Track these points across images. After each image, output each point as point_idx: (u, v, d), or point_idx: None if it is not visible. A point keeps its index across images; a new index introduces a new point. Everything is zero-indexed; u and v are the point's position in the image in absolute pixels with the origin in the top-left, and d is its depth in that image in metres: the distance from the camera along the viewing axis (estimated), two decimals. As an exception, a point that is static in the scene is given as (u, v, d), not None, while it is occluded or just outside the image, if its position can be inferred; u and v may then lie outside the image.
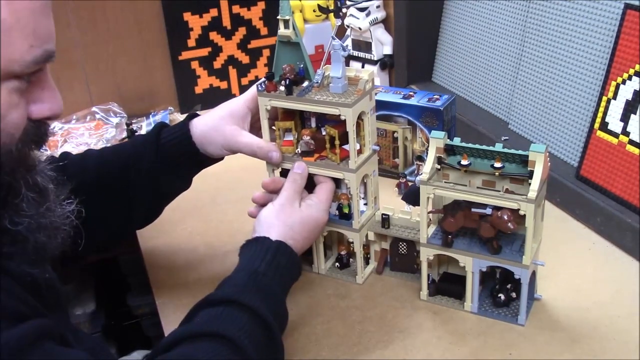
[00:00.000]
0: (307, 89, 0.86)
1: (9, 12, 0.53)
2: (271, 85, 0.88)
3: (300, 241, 0.85)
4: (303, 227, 0.86)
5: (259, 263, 0.78)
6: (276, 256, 0.79)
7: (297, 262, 0.84)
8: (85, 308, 1.52)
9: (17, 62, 0.55)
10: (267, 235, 0.82)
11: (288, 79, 0.86)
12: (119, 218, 0.94)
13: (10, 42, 0.53)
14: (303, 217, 0.87)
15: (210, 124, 0.90)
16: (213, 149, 0.90)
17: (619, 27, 1.01)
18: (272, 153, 0.89)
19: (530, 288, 0.86)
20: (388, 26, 1.61)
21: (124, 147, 0.98)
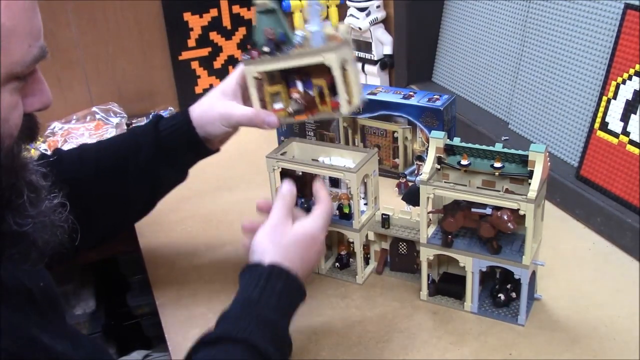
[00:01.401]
0: (290, 49, 0.87)
1: (7, 17, 0.53)
2: (256, 52, 0.89)
3: (298, 262, 0.79)
4: (298, 246, 0.80)
5: (252, 290, 0.74)
6: (270, 280, 0.75)
7: (296, 284, 0.77)
8: (85, 308, 1.52)
9: (18, 63, 0.55)
10: (260, 261, 0.78)
11: (271, 41, 0.88)
12: (116, 211, 0.94)
13: (11, 46, 0.54)
14: (297, 235, 0.81)
15: (206, 105, 0.93)
16: (212, 128, 0.92)
17: (619, 27, 1.01)
18: (269, 117, 0.89)
19: (530, 288, 0.86)
20: (388, 26, 1.61)
21: (122, 139, 0.97)
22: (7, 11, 0.53)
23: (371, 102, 1.22)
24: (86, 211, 0.74)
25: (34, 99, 0.60)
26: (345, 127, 1.27)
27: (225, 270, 1.02)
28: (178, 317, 0.93)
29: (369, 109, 1.22)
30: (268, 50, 0.88)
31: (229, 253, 1.07)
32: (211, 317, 0.92)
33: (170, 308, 0.95)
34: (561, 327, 0.86)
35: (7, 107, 0.56)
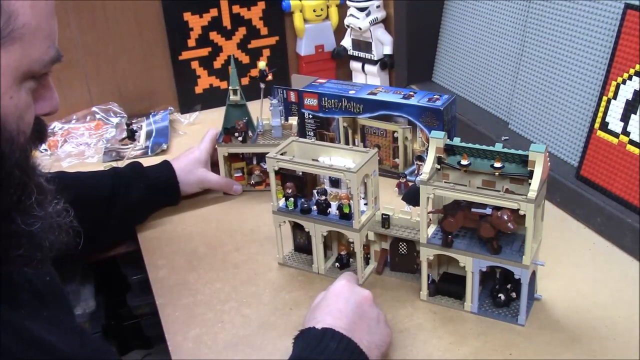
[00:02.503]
0: (255, 136, 1.20)
1: (32, 15, 0.55)
2: (227, 138, 1.21)
3: (358, 328, 0.77)
4: (355, 313, 0.79)
5: (304, 349, 0.74)
6: (322, 341, 0.73)
7: (351, 346, 0.74)
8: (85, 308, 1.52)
9: (37, 62, 0.57)
10: (313, 326, 0.77)
11: (241, 130, 1.19)
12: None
13: (34, 44, 0.56)
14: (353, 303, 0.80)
15: (186, 169, 1.18)
16: (188, 188, 1.19)
17: (619, 27, 1.01)
18: (235, 186, 1.22)
19: (530, 288, 0.86)
20: (388, 26, 1.61)
21: (106, 175, 1.13)
22: (32, 11, 0.56)
23: (371, 102, 1.22)
24: None
25: (44, 102, 0.62)
26: (345, 127, 1.27)
27: (225, 271, 1.03)
28: (178, 317, 0.93)
29: (369, 109, 1.22)
30: (240, 137, 1.19)
31: (229, 253, 1.07)
32: (211, 317, 0.92)
33: (170, 308, 0.95)
34: (561, 327, 0.86)
35: (23, 105, 0.58)
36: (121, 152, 1.45)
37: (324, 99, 1.27)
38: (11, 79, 0.55)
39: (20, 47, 0.55)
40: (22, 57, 0.56)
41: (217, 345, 0.87)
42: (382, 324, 0.81)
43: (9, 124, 0.56)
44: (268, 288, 0.98)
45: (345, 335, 0.74)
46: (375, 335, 0.78)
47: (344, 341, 0.74)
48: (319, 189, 0.96)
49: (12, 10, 0.54)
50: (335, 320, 0.76)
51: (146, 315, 1.50)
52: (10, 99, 0.55)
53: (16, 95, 0.56)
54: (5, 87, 0.55)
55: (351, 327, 0.76)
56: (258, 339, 0.88)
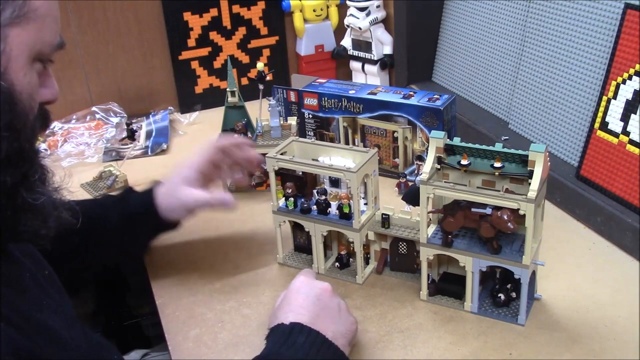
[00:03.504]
0: (254, 138, 1.19)
1: (45, 2, 0.60)
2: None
3: (319, 320, 0.78)
4: (316, 305, 0.80)
5: (272, 346, 0.75)
6: (291, 336, 0.74)
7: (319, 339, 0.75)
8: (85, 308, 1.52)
9: (47, 44, 0.61)
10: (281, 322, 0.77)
11: (240, 132, 1.18)
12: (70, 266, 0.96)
13: (46, 26, 0.60)
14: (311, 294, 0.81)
15: (168, 192, 0.99)
16: (171, 213, 0.99)
17: (619, 27, 1.01)
18: (225, 198, 0.97)
19: (530, 288, 0.86)
20: (388, 26, 1.61)
21: (93, 204, 1.05)
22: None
23: (371, 102, 1.22)
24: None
25: (45, 90, 0.64)
26: (345, 127, 1.27)
27: (225, 271, 1.02)
28: (178, 317, 0.93)
29: (369, 109, 1.22)
30: None
31: (228, 253, 1.07)
32: (211, 317, 0.92)
33: (170, 308, 0.95)
34: (561, 327, 0.86)
35: (34, 84, 0.61)
36: (121, 151, 1.45)
37: (324, 98, 1.27)
38: (26, 56, 0.59)
39: (34, 28, 0.59)
40: (36, 38, 0.59)
41: (217, 345, 0.87)
42: (344, 312, 0.81)
43: (23, 99, 0.59)
44: (268, 288, 0.98)
45: (312, 329, 0.75)
46: (339, 324, 0.79)
47: (312, 334, 0.74)
48: (319, 189, 0.96)
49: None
50: (298, 316, 0.77)
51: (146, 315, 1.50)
52: (24, 76, 0.59)
53: (29, 73, 0.60)
54: (21, 64, 0.58)
55: (314, 320, 0.77)
56: (258, 339, 0.88)
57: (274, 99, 1.27)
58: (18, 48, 0.58)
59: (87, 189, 1.30)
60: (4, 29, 0.56)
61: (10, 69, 0.57)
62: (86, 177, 1.33)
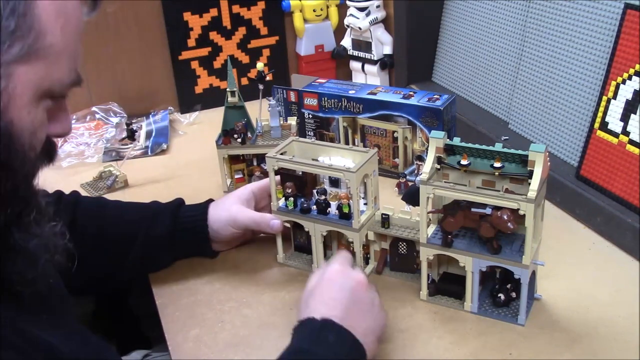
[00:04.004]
0: (254, 138, 1.19)
1: (60, 36, 0.56)
2: (226, 139, 1.20)
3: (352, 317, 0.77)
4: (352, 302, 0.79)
5: (302, 341, 0.74)
6: (322, 332, 0.74)
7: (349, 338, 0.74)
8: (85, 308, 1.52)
9: (58, 82, 0.58)
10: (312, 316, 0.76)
11: (240, 132, 1.18)
12: (104, 271, 0.98)
13: (58, 64, 0.57)
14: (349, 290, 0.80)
15: (220, 206, 1.01)
16: (219, 227, 1.00)
17: (619, 27, 1.01)
18: (273, 221, 0.98)
19: (530, 288, 0.86)
20: (388, 26, 1.61)
21: (140, 207, 1.03)
22: (62, 32, 0.56)
23: (371, 102, 1.22)
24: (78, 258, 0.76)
25: (57, 124, 0.62)
26: (345, 127, 1.27)
27: (225, 271, 1.02)
28: (178, 317, 0.93)
29: (369, 109, 1.22)
30: (239, 139, 1.19)
31: (228, 253, 1.07)
32: (211, 317, 0.92)
33: (170, 308, 0.95)
34: (561, 327, 0.86)
35: (38, 122, 0.58)
36: (121, 152, 1.45)
37: (324, 98, 1.27)
38: (31, 94, 0.56)
39: (44, 66, 0.56)
40: (45, 75, 0.56)
41: (217, 345, 0.87)
42: (376, 308, 0.81)
43: (23, 137, 0.56)
44: (268, 288, 0.98)
45: (342, 327, 0.74)
46: (370, 320, 0.79)
47: (342, 333, 0.74)
48: (319, 189, 0.96)
49: (42, 29, 0.55)
50: (331, 310, 0.76)
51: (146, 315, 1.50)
52: (27, 113, 0.56)
53: (33, 111, 0.57)
54: (25, 102, 0.56)
55: (346, 316, 0.76)
56: (258, 339, 0.88)
57: (273, 99, 1.27)
58: (23, 86, 0.55)
59: (87, 189, 1.30)
60: (9, 66, 0.53)
61: (12, 107, 0.55)
62: (86, 177, 1.33)
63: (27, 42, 0.54)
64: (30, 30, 0.54)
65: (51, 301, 0.68)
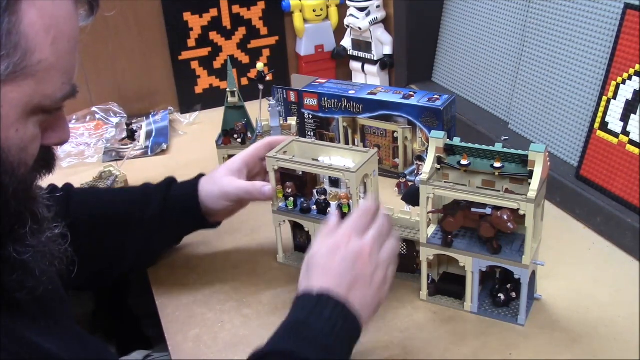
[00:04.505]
0: (254, 138, 1.19)
1: (50, 52, 0.55)
2: (226, 140, 1.21)
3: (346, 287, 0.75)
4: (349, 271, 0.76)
5: (299, 313, 0.74)
6: (317, 306, 0.73)
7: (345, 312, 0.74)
8: (85, 308, 1.52)
9: (49, 98, 0.57)
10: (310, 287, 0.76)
11: (240, 132, 1.19)
12: (104, 261, 0.97)
13: (48, 80, 0.56)
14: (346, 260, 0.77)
15: (211, 180, 0.99)
16: (212, 203, 0.98)
17: (619, 27, 1.01)
18: (264, 187, 0.96)
19: (530, 288, 0.86)
20: (388, 26, 1.61)
21: (132, 192, 1.02)
22: (51, 48, 0.55)
23: (371, 102, 1.22)
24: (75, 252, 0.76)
25: (53, 133, 0.61)
26: (345, 127, 1.27)
27: (225, 271, 1.02)
28: (178, 317, 0.93)
29: (369, 109, 1.22)
30: (239, 139, 1.19)
31: (228, 253, 1.07)
32: (211, 317, 0.92)
33: (170, 308, 0.95)
34: (561, 327, 0.86)
35: (29, 137, 0.57)
36: (121, 152, 1.45)
37: (324, 99, 1.27)
38: (19, 112, 0.55)
39: (33, 83, 0.54)
40: (34, 93, 0.55)
41: (217, 345, 0.87)
42: (376, 280, 0.77)
43: (11, 155, 0.55)
44: (268, 288, 0.98)
45: (339, 301, 0.73)
46: (368, 295, 0.76)
47: (338, 307, 0.73)
48: (319, 189, 0.97)
49: (29, 46, 0.53)
50: (330, 282, 0.74)
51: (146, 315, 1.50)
52: (15, 132, 0.55)
53: (22, 128, 0.56)
54: (12, 121, 0.54)
55: (346, 288, 0.74)
56: (258, 339, 0.87)
57: (273, 99, 1.27)
58: (8, 105, 0.53)
59: (87, 189, 1.30)
60: None
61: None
62: (86, 177, 1.33)
63: (13, 61, 0.52)
64: (16, 48, 0.52)
65: (49, 306, 0.68)
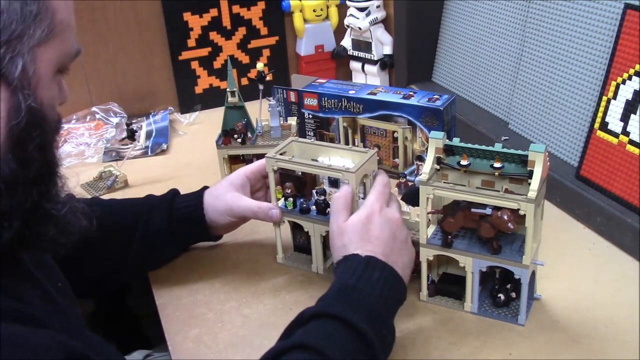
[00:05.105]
0: (254, 138, 1.19)
1: (66, 11, 0.59)
2: (226, 140, 1.20)
3: (392, 253, 0.81)
4: (390, 237, 0.82)
5: (349, 278, 0.76)
6: (366, 270, 0.77)
7: (393, 275, 0.79)
8: (85, 308, 1.52)
9: (68, 55, 0.61)
10: (355, 252, 0.80)
11: (240, 132, 1.18)
12: (105, 270, 0.97)
13: (67, 38, 0.60)
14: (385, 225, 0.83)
15: (215, 194, 0.99)
16: (217, 217, 0.98)
17: (619, 27, 1.01)
18: (272, 211, 0.97)
19: (530, 288, 0.86)
20: (388, 26, 1.61)
21: (136, 204, 1.02)
22: (66, 6, 0.60)
23: (371, 102, 1.22)
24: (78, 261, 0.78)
25: (59, 94, 0.64)
26: (345, 127, 1.27)
27: (225, 271, 1.03)
28: (178, 317, 0.93)
29: (369, 109, 1.22)
30: (239, 139, 1.18)
31: (228, 253, 1.07)
32: (211, 317, 0.92)
33: (170, 308, 0.95)
34: (561, 327, 0.86)
35: (56, 95, 0.61)
36: (121, 152, 1.45)
37: (324, 99, 1.27)
38: (51, 72, 0.59)
39: (59, 42, 0.59)
40: (60, 52, 0.59)
41: (217, 345, 0.87)
42: (409, 243, 0.85)
43: (49, 114, 0.59)
44: (268, 288, 0.98)
45: (387, 264, 0.78)
46: (406, 256, 0.83)
47: (385, 270, 0.78)
48: (318, 189, 0.96)
49: (54, 7, 0.58)
50: (375, 247, 0.80)
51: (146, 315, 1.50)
52: (49, 91, 0.59)
53: (53, 87, 0.60)
54: (48, 80, 0.58)
55: (388, 253, 0.80)
56: (258, 339, 0.88)
57: (274, 99, 1.27)
58: (45, 66, 0.57)
59: (87, 189, 1.30)
60: (34, 50, 0.56)
61: (40, 88, 0.57)
62: (86, 177, 1.33)
63: (47, 23, 0.56)
64: (47, 10, 0.56)
65: (61, 303, 0.68)
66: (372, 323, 0.72)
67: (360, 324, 0.70)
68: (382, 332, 0.73)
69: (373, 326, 0.72)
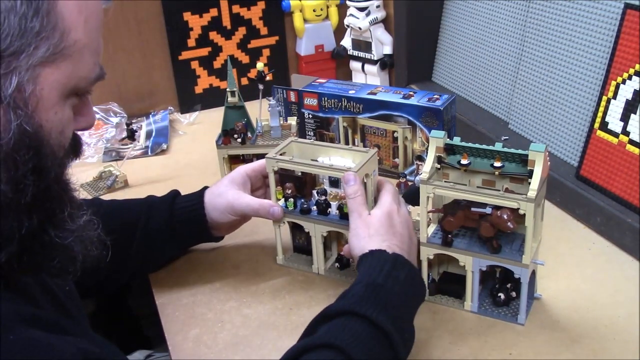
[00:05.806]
0: (254, 138, 1.19)
1: (84, 32, 0.56)
2: (226, 139, 1.19)
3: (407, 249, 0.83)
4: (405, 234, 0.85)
5: (377, 275, 0.76)
6: (395, 268, 0.77)
7: (417, 276, 0.81)
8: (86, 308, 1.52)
9: (84, 79, 0.58)
10: (381, 247, 0.80)
11: (240, 132, 1.18)
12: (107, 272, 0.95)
13: (82, 61, 0.57)
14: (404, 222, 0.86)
15: (216, 192, 0.98)
16: (218, 215, 0.97)
17: (619, 27, 1.01)
18: (273, 208, 0.96)
19: (530, 287, 0.86)
20: (388, 26, 1.61)
21: (136, 204, 1.01)
22: (85, 27, 0.57)
23: (371, 102, 1.22)
24: None
25: (81, 118, 0.63)
26: (345, 127, 1.27)
27: (225, 271, 1.02)
28: (178, 317, 0.93)
29: (369, 109, 1.22)
30: (239, 139, 1.18)
31: (228, 253, 1.07)
32: (211, 317, 0.92)
33: (170, 308, 0.95)
34: (561, 327, 0.86)
35: (66, 120, 0.58)
36: (121, 152, 1.45)
37: (324, 98, 1.27)
38: (58, 94, 0.56)
39: (70, 64, 0.56)
40: (71, 74, 0.56)
41: (217, 345, 0.87)
42: (414, 237, 0.88)
43: (52, 138, 0.56)
44: (268, 288, 0.98)
45: (411, 264, 0.80)
46: (415, 255, 0.86)
47: (411, 270, 0.79)
48: (319, 189, 0.96)
49: (66, 26, 0.54)
50: (400, 243, 0.82)
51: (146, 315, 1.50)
52: (55, 114, 0.56)
53: (60, 110, 0.57)
54: (52, 103, 0.55)
55: (408, 251, 0.83)
56: (258, 339, 0.88)
57: (273, 99, 1.27)
58: (49, 87, 0.55)
59: (87, 189, 1.30)
60: (35, 68, 0.53)
61: (39, 110, 0.54)
62: (86, 177, 1.33)
63: (53, 42, 0.53)
64: (55, 29, 0.53)
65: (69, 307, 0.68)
66: (398, 325, 0.72)
67: (388, 326, 0.70)
68: (405, 335, 0.74)
69: (398, 328, 0.72)
